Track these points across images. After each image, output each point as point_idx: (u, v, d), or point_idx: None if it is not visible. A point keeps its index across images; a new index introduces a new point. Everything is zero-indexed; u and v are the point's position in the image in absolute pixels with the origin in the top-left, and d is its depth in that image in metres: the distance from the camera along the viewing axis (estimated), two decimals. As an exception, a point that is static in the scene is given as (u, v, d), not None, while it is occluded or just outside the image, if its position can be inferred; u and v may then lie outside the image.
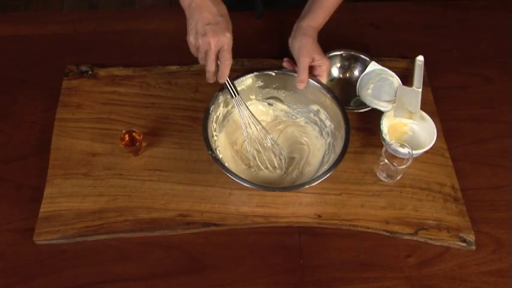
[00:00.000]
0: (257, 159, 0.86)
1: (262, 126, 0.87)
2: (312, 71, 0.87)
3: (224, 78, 0.80)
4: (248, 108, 0.85)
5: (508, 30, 1.12)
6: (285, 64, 0.90)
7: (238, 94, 0.83)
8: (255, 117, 0.86)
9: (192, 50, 0.78)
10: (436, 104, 0.98)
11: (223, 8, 0.78)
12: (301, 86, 0.86)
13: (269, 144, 0.88)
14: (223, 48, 0.76)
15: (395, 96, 0.92)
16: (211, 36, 0.74)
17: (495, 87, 1.03)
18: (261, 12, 1.12)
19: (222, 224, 0.82)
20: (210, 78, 0.81)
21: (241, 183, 0.77)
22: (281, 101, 0.94)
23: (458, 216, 0.84)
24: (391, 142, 0.85)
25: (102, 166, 0.88)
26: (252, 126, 0.86)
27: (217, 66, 0.79)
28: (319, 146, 0.91)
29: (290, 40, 0.90)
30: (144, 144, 0.89)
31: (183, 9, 0.78)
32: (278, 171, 0.88)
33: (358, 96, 0.94)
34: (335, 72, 1.02)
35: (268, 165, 0.87)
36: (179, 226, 0.82)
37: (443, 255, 0.81)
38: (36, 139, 0.92)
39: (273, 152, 0.88)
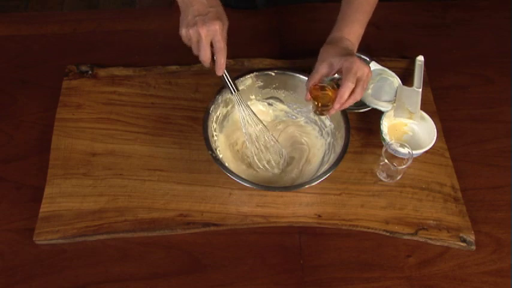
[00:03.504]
0: (255, 157, 0.86)
1: (262, 123, 0.86)
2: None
3: (221, 69, 0.78)
4: (248, 106, 0.85)
5: (508, 30, 1.12)
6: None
7: (238, 90, 0.83)
8: (255, 114, 0.85)
9: (185, 41, 0.78)
10: (436, 104, 0.98)
11: (215, 1, 0.77)
12: (307, 97, 0.81)
13: (269, 142, 0.87)
14: (216, 38, 0.75)
15: (395, 96, 0.92)
16: (200, 26, 0.73)
17: (495, 87, 1.03)
18: (262, 2, 1.12)
19: (222, 224, 0.82)
20: (207, 65, 0.79)
21: (241, 183, 0.77)
22: (281, 101, 0.94)
23: (458, 216, 0.84)
24: (391, 142, 0.85)
25: (102, 166, 0.88)
26: (252, 123, 0.85)
27: (213, 56, 0.77)
28: (319, 145, 0.91)
29: None
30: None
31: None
32: (276, 170, 0.88)
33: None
34: (335, 72, 1.02)
35: (266, 165, 0.87)
36: (179, 226, 0.82)
37: (443, 255, 0.81)
38: (36, 139, 0.92)
39: (273, 150, 0.88)
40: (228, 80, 0.81)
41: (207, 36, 0.74)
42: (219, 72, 0.79)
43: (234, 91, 0.82)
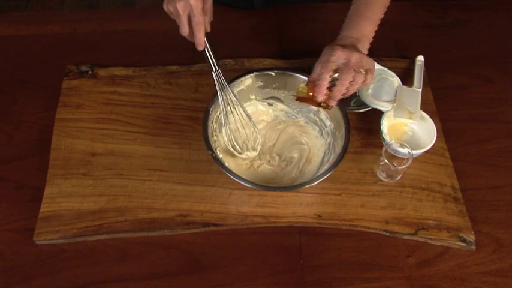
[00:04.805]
0: (232, 139, 0.86)
1: (241, 104, 0.86)
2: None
3: (199, 44, 0.78)
4: (227, 86, 0.84)
5: (508, 30, 1.12)
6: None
7: (218, 67, 0.82)
8: (234, 93, 0.85)
9: (171, 16, 0.79)
10: (436, 104, 0.98)
11: None
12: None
13: (245, 122, 0.87)
14: (192, 13, 0.75)
15: (395, 96, 0.92)
16: (177, 2, 0.74)
17: (495, 87, 1.03)
18: (260, 3, 1.12)
19: (222, 224, 0.82)
20: (191, 39, 0.79)
21: (241, 183, 0.77)
22: (281, 101, 0.94)
23: (458, 216, 0.84)
24: (391, 142, 0.85)
25: (102, 166, 0.88)
26: (230, 103, 0.85)
27: (192, 30, 0.78)
28: (319, 145, 0.91)
29: None
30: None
31: None
32: (252, 152, 0.88)
33: (358, 96, 0.94)
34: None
35: (241, 146, 0.87)
36: (179, 226, 0.82)
37: (443, 255, 0.81)
38: (36, 139, 0.92)
39: (249, 131, 0.87)
40: (210, 56, 0.81)
41: (184, 11, 0.75)
42: (199, 48, 0.79)
43: (214, 68, 0.82)
